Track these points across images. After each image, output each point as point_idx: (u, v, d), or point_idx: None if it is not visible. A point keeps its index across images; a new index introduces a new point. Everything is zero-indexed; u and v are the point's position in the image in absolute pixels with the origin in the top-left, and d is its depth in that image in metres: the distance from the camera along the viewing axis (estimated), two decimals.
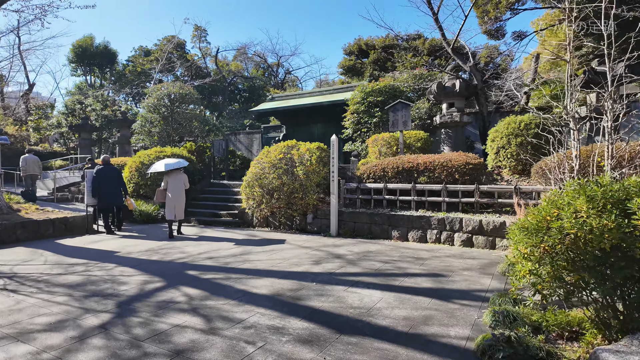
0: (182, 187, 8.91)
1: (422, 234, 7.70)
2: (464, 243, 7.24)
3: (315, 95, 16.56)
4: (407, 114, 10.08)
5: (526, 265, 3.02)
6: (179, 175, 8.94)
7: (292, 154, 9.43)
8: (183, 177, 9.01)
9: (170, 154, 12.35)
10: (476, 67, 10.56)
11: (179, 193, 8.82)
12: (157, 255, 6.88)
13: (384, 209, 8.58)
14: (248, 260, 6.37)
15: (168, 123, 16.02)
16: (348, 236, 8.38)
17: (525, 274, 3.00)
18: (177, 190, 8.82)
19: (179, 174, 8.97)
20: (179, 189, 8.84)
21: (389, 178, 8.70)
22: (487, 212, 7.68)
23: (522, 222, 3.13)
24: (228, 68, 32.45)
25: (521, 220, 3.17)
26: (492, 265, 5.83)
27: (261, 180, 9.24)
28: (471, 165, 7.99)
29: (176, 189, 8.82)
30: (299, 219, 9.15)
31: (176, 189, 8.82)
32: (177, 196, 8.81)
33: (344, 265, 5.90)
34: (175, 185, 8.84)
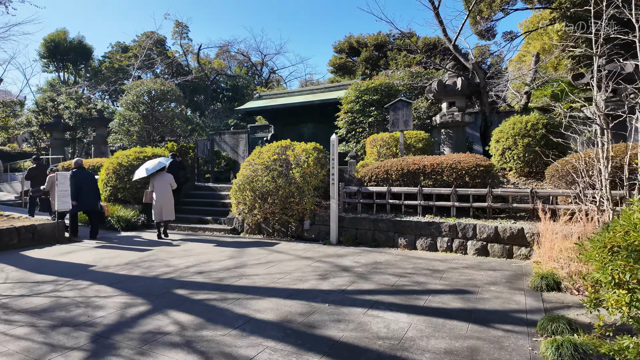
0: (167, 188, 8.85)
1: (432, 242, 7.11)
2: (478, 252, 6.69)
3: (305, 94, 15.87)
4: (408, 112, 9.51)
5: (621, 295, 2.40)
6: (163, 176, 8.90)
7: (287, 155, 8.71)
8: (168, 177, 8.96)
9: (151, 155, 11.43)
10: (479, 65, 10.11)
11: (164, 194, 8.76)
12: (139, 269, 6.04)
13: (388, 214, 7.96)
14: (244, 275, 5.62)
15: (148, 122, 15.02)
16: (350, 244, 7.72)
17: (621, 305, 2.38)
18: (163, 191, 8.76)
19: (164, 175, 8.92)
20: (164, 189, 8.78)
21: (392, 181, 8.09)
22: (500, 217, 7.16)
23: (607, 240, 2.52)
24: (210, 66, 31.36)
25: (605, 238, 2.56)
26: (517, 278, 5.27)
27: (253, 184, 8.48)
28: (482, 167, 7.46)
29: (162, 190, 8.75)
30: (295, 225, 8.43)
31: (162, 189, 8.76)
32: (163, 197, 8.74)
33: (355, 281, 5.23)
34: (161, 186, 8.77)
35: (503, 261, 6.28)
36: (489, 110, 10.46)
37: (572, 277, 4.69)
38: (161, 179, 8.83)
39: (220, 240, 8.44)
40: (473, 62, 10.01)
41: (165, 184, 8.82)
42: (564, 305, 4.24)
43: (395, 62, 16.29)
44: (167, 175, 8.97)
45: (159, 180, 8.80)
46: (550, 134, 8.81)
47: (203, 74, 28.12)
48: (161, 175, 8.87)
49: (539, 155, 8.79)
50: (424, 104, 11.81)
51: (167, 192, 8.81)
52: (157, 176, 8.84)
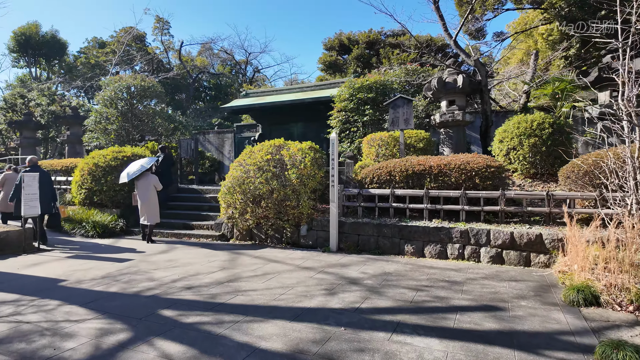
0: (150, 190, 8.53)
1: (442, 249, 6.58)
2: (493, 259, 6.19)
3: (295, 92, 15.22)
4: (409, 110, 9.00)
5: None
6: (147, 178, 8.60)
7: (281, 155, 8.05)
8: (152, 179, 8.64)
9: (130, 155, 10.57)
10: (480, 62, 9.70)
11: (147, 196, 8.47)
12: (117, 284, 5.28)
13: (391, 218, 7.40)
14: (240, 290, 4.94)
15: (127, 119, 14.08)
16: (351, 251, 7.12)
17: None
18: (146, 193, 8.47)
19: (147, 176, 8.62)
20: (147, 191, 8.49)
21: (396, 183, 7.54)
22: (514, 222, 6.69)
23: None
24: (192, 63, 30.32)
25: None
26: (545, 290, 4.77)
27: (245, 186, 7.79)
28: (493, 168, 6.98)
29: (144, 192, 8.48)
30: (290, 231, 7.78)
31: (144, 192, 8.49)
32: (146, 199, 8.45)
33: (368, 296, 4.62)
34: (144, 188, 8.50)
35: (522, 270, 5.79)
36: (490, 110, 10.06)
37: (612, 290, 4.21)
38: (145, 180, 8.56)
39: (208, 248, 7.71)
40: (475, 59, 9.59)
41: (148, 186, 8.52)
42: (611, 324, 3.74)
43: (388, 60, 15.80)
44: (151, 176, 8.66)
45: (142, 181, 8.55)
46: (557, 134, 8.47)
47: (185, 71, 27.10)
48: (145, 177, 8.59)
49: (545, 155, 8.44)
50: (422, 102, 11.35)
51: (150, 194, 8.50)
52: (141, 177, 8.57)
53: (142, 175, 8.55)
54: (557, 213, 6.47)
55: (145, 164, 8.69)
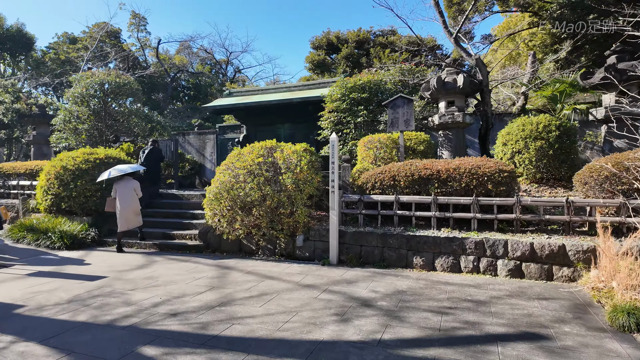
0: (131, 195, 8.07)
1: (454, 261, 6.01)
2: (512, 273, 5.66)
3: (282, 92, 14.48)
4: (410, 111, 8.44)
5: None
6: (128, 182, 8.14)
7: (274, 158, 7.33)
8: (133, 184, 8.18)
9: (103, 157, 9.61)
10: (481, 61, 9.26)
11: (127, 202, 7.99)
12: (87, 310, 4.44)
13: (396, 227, 6.79)
14: (235, 316, 4.20)
15: (100, 118, 13.01)
16: (354, 264, 6.46)
17: None
18: (126, 199, 7.99)
19: (129, 181, 8.18)
20: (127, 197, 8.02)
21: (400, 188, 6.94)
22: (530, 231, 6.19)
23: None
24: (171, 62, 29.10)
25: None
26: (582, 311, 4.24)
27: (234, 192, 7.02)
28: (506, 173, 6.48)
29: (124, 198, 8.00)
30: (285, 241, 7.05)
31: (124, 197, 8.00)
32: (125, 205, 7.97)
33: (388, 323, 3.96)
34: (124, 193, 8.03)
35: (546, 285, 5.26)
36: (491, 111, 9.64)
37: None
38: (125, 185, 8.09)
39: (193, 262, 6.89)
40: (476, 58, 9.15)
41: (129, 191, 8.07)
42: None
43: (379, 60, 15.29)
44: (132, 181, 8.24)
45: (123, 186, 8.06)
46: (564, 136, 8.09)
47: (162, 69, 25.90)
48: (126, 181, 8.14)
49: (552, 159, 8.04)
50: (419, 103, 10.86)
51: (130, 200, 8.04)
52: (122, 182, 8.11)
53: (123, 179, 8.12)
54: (577, 222, 6.01)
55: (130, 168, 8.27)
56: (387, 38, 17.92)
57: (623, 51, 8.43)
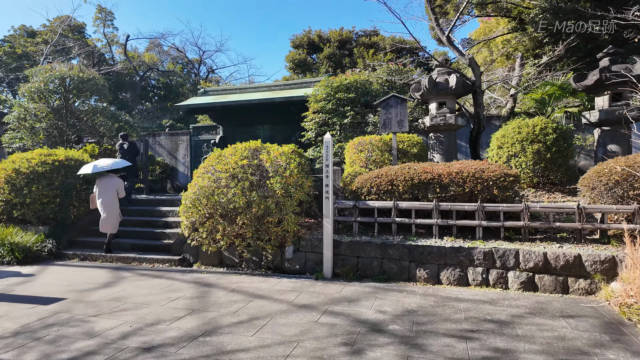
0: (111, 195, 7.47)
1: (461, 274, 5.50)
2: (524, 286, 5.20)
3: (262, 91, 13.74)
4: (403, 111, 7.95)
5: None
6: (110, 180, 7.56)
7: (261, 160, 6.62)
8: (115, 183, 7.58)
9: (63, 159, 8.60)
10: (474, 61, 8.92)
11: (106, 202, 7.41)
12: (37, 346, 3.59)
13: (394, 236, 6.24)
14: (223, 349, 3.48)
15: (61, 117, 11.83)
16: (351, 278, 5.84)
17: None
18: (105, 198, 7.42)
19: (111, 179, 7.59)
20: (107, 196, 7.43)
21: (399, 194, 6.40)
22: (539, 240, 5.78)
23: None
24: (140, 59, 27.66)
25: None
26: (617, 331, 3.80)
27: (215, 198, 6.26)
28: (511, 177, 6.06)
29: (104, 197, 7.42)
30: (272, 253, 6.35)
31: (104, 196, 7.43)
32: (104, 205, 7.40)
33: (409, 354, 3.36)
34: (104, 191, 7.45)
35: (565, 300, 4.83)
36: (483, 113, 9.31)
37: None
38: (107, 182, 7.52)
39: (168, 278, 6.07)
40: (470, 57, 8.80)
41: (109, 190, 7.47)
42: None
43: (363, 60, 14.83)
44: (115, 179, 7.65)
45: (104, 183, 7.51)
46: (561, 140, 7.83)
47: (131, 66, 24.49)
48: (108, 178, 7.57)
49: (550, 163, 7.76)
50: (408, 104, 10.41)
51: (112, 199, 7.47)
52: (104, 178, 7.55)
53: (105, 176, 7.57)
54: (587, 229, 5.66)
55: (115, 164, 7.65)
56: (370, 38, 17.54)
57: (616, 53, 8.28)
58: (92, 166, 7.42)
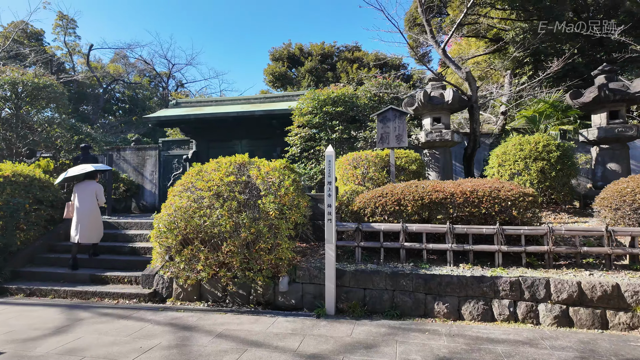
0: (91, 200, 7.00)
1: (485, 307, 4.81)
2: (558, 321, 4.57)
3: (241, 103, 12.89)
4: (402, 125, 7.37)
5: None
6: (89, 185, 7.11)
7: (250, 177, 5.76)
8: (95, 188, 7.13)
9: (10, 174, 7.36)
10: (471, 75, 8.55)
11: (85, 207, 6.92)
12: None
13: (403, 263, 5.51)
14: None
15: (11, 127, 10.44)
16: (358, 314, 5.01)
17: None
18: (84, 204, 6.94)
19: (90, 184, 7.14)
20: (87, 203, 6.95)
21: (407, 215, 5.71)
22: (564, 266, 5.22)
23: None
24: (104, 71, 26.09)
25: None
26: None
27: (196, 221, 5.31)
28: (530, 197, 5.53)
29: (84, 203, 6.93)
30: (263, 285, 5.42)
31: (84, 203, 6.94)
32: (82, 211, 6.88)
33: None
34: (83, 197, 6.98)
35: (610, 338, 4.22)
36: (479, 130, 8.91)
37: None
38: (86, 187, 7.07)
39: (136, 319, 4.99)
40: (467, 71, 8.42)
41: (88, 195, 7.01)
42: None
43: (346, 75, 14.38)
44: (93, 184, 7.17)
45: (82, 188, 7.06)
46: (565, 157, 7.49)
47: (93, 76, 22.93)
48: (86, 184, 7.11)
49: (554, 182, 7.37)
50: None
51: (93, 205, 7.00)
52: (83, 184, 7.11)
53: (83, 181, 7.13)
54: (617, 254, 5.16)
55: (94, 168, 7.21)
56: (352, 53, 17.22)
57: (611, 71, 8.14)
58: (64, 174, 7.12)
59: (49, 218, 7.94)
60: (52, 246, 7.57)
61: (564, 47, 13.73)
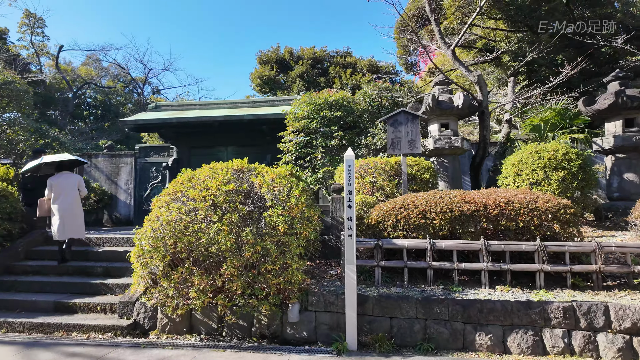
0: (74, 193, 6.48)
1: (535, 338, 4.11)
2: (622, 354, 3.92)
3: (227, 107, 11.98)
4: (415, 129, 6.72)
5: None
6: (69, 177, 6.56)
7: (252, 184, 4.91)
8: (76, 179, 6.63)
9: None
10: (482, 79, 8.04)
11: (70, 201, 6.40)
12: None
13: (432, 285, 4.77)
14: None
15: None
16: (386, 349, 4.19)
17: None
18: (68, 198, 6.40)
19: (70, 176, 6.60)
20: (70, 195, 6.41)
21: (434, 229, 4.99)
22: (615, 287, 4.61)
23: None
24: (75, 74, 24.54)
25: None
26: None
27: (189, 238, 4.40)
28: (571, 208, 4.93)
29: (65, 197, 6.37)
30: (269, 314, 4.53)
31: (65, 196, 6.37)
32: (66, 205, 6.35)
33: None
34: (65, 190, 6.39)
35: None
36: (490, 136, 8.38)
37: None
38: (67, 178, 6.51)
39: (112, 359, 4.00)
40: (478, 74, 7.90)
41: (72, 188, 6.47)
42: None
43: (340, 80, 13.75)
44: (74, 176, 6.65)
45: (62, 181, 6.43)
46: (586, 166, 7.02)
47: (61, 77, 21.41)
48: (66, 176, 6.55)
49: (577, 192, 6.87)
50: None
51: (74, 200, 6.47)
52: (61, 176, 6.51)
53: (61, 173, 6.52)
54: None
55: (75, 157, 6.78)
56: (345, 59, 16.66)
57: (625, 77, 7.82)
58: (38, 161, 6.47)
59: (6, 234, 6.78)
60: (7, 267, 6.40)
61: (556, 57, 13.63)
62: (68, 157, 6.73)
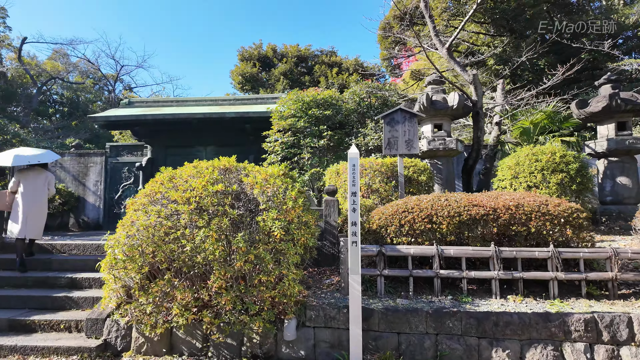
0: (42, 191, 6.02)
1: (555, 353, 3.78)
2: None
3: (207, 104, 11.32)
4: (413, 129, 6.36)
5: None
6: (40, 174, 6.08)
7: (243, 185, 4.39)
8: (47, 177, 6.15)
9: None
10: (478, 78, 7.80)
11: (36, 198, 5.91)
12: None
13: (439, 295, 4.39)
14: None
15: None
16: None
17: None
18: (36, 196, 5.91)
19: (40, 172, 6.12)
20: (38, 193, 5.94)
21: (441, 235, 4.61)
22: (632, 296, 4.36)
23: None
24: (39, 69, 23.09)
25: None
26: None
27: (170, 245, 3.84)
28: (583, 212, 4.67)
29: (33, 194, 5.88)
30: (261, 332, 4.01)
31: (33, 193, 5.89)
32: (32, 202, 5.85)
33: None
34: (33, 186, 5.91)
35: None
36: (484, 138, 8.16)
37: None
38: (36, 176, 6.07)
39: None
40: (473, 74, 7.66)
41: (42, 185, 6.05)
42: None
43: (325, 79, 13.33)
44: (45, 172, 6.20)
45: (32, 178, 6.02)
46: (583, 169, 6.87)
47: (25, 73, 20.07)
48: (36, 173, 6.11)
49: (575, 195, 6.70)
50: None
51: (42, 197, 6.06)
52: (30, 173, 6.07)
53: (31, 169, 6.08)
54: None
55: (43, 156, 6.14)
56: (330, 58, 16.29)
57: (618, 80, 7.77)
58: (14, 156, 5.84)
59: None
60: None
61: (539, 62, 13.74)
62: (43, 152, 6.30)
